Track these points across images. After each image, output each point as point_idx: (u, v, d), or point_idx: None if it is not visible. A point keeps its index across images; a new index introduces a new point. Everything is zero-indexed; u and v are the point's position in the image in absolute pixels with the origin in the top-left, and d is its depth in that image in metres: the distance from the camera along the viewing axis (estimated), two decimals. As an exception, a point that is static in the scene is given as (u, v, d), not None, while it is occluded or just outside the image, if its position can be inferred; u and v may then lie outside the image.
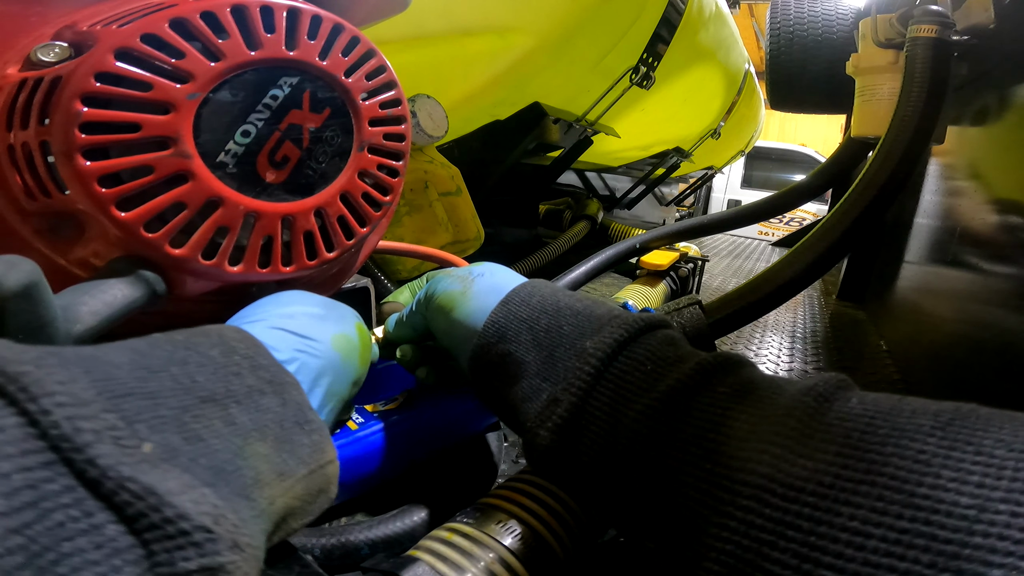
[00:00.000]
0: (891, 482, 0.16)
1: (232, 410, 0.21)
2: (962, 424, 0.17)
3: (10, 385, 0.15)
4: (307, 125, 0.31)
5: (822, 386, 0.21)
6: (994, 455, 0.16)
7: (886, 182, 0.59)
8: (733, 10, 1.69)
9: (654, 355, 0.26)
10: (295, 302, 0.29)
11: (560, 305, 0.31)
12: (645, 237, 1.09)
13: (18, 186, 0.27)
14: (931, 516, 0.15)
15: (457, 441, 0.42)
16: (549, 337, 0.29)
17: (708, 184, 4.27)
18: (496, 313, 0.31)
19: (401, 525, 0.33)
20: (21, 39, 0.28)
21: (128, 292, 0.27)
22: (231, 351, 0.23)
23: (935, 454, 0.16)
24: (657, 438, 0.23)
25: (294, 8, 0.30)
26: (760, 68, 1.52)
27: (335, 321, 0.30)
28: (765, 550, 0.18)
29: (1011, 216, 0.54)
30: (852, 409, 0.19)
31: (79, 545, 0.14)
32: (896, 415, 0.18)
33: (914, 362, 0.78)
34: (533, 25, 0.76)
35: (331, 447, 0.25)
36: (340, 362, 0.28)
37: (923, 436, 0.17)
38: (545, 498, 0.31)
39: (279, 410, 0.23)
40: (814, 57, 1.22)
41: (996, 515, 0.15)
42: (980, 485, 0.15)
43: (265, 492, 0.20)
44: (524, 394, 0.29)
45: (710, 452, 0.21)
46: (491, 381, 0.31)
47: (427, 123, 0.61)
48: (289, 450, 0.22)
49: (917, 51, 0.64)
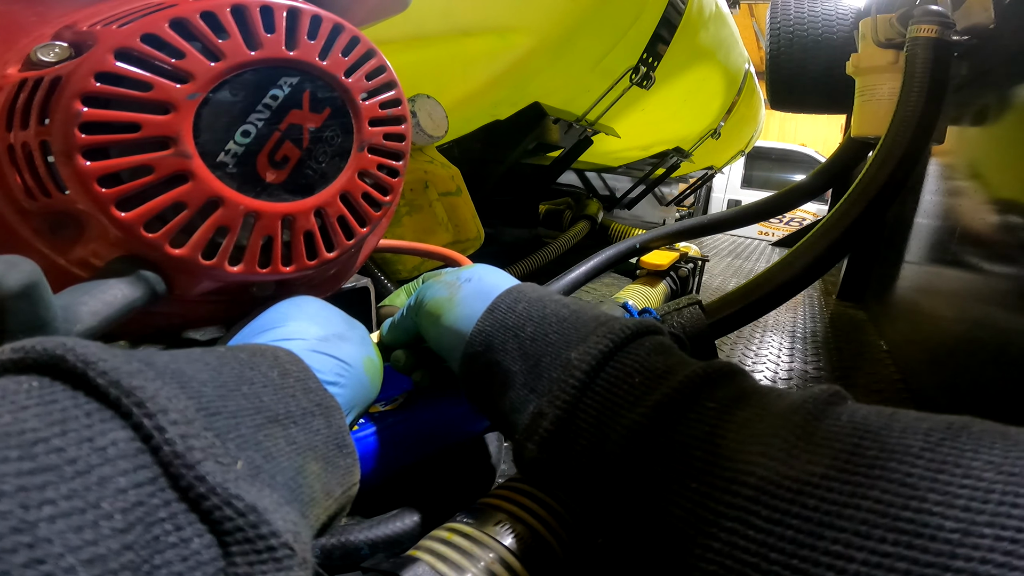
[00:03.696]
0: (876, 505, 0.16)
1: (292, 430, 0.22)
2: (952, 444, 0.17)
3: (125, 399, 0.16)
4: (307, 125, 0.31)
5: (811, 403, 0.21)
6: (982, 478, 0.16)
7: (886, 182, 0.59)
8: (733, 10, 1.69)
9: (642, 366, 0.25)
10: (322, 320, 0.30)
11: (546, 312, 0.30)
12: (645, 237, 1.09)
13: (18, 186, 0.27)
14: (914, 540, 0.15)
15: (456, 442, 0.42)
16: (535, 346, 0.28)
17: (708, 184, 4.27)
18: (482, 322, 0.31)
19: (401, 525, 0.33)
20: (21, 39, 0.28)
21: (128, 292, 0.27)
22: (287, 373, 0.24)
23: (922, 476, 0.16)
24: (644, 454, 0.23)
25: (294, 8, 0.30)
26: (760, 68, 1.52)
27: (360, 343, 0.31)
28: (748, 571, 0.18)
29: (1011, 216, 0.54)
30: (842, 429, 0.19)
31: (167, 558, 0.15)
32: (886, 435, 0.18)
33: (914, 362, 0.78)
34: (533, 25, 0.76)
35: (359, 470, 0.26)
36: (368, 385, 0.30)
37: (911, 458, 0.17)
38: (545, 498, 0.31)
39: (326, 432, 0.24)
40: (814, 57, 1.22)
41: (980, 539, 0.15)
42: (966, 509, 0.15)
43: (315, 510, 0.21)
44: (512, 405, 0.28)
45: (697, 472, 0.21)
46: (481, 389, 0.31)
47: (427, 123, 0.61)
48: (332, 471, 0.23)
49: (917, 51, 0.64)
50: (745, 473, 0.20)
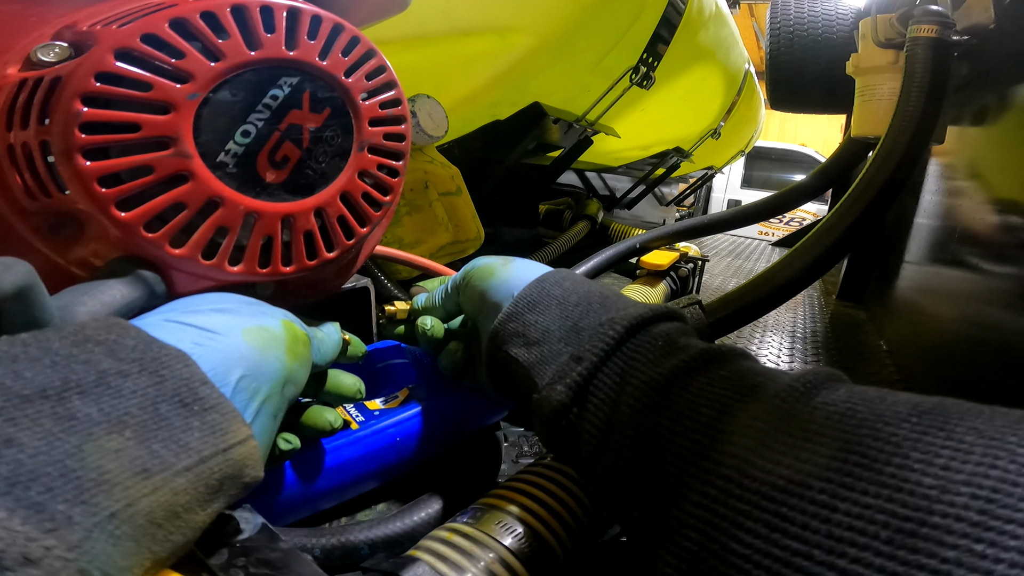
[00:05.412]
0: (862, 460, 0.17)
1: (73, 403, 0.18)
2: (939, 413, 0.18)
3: None
4: (307, 125, 0.31)
5: (811, 375, 0.22)
6: (964, 440, 0.16)
7: (886, 182, 0.59)
8: (733, 10, 1.69)
9: (668, 336, 0.28)
10: (205, 299, 0.27)
11: (591, 289, 0.33)
12: (645, 237, 1.09)
13: (18, 186, 0.27)
14: (894, 494, 0.16)
15: (457, 440, 0.42)
16: (577, 311, 0.31)
17: (708, 184, 4.26)
18: (530, 287, 0.33)
19: (401, 525, 0.33)
20: (21, 39, 0.28)
21: (127, 293, 0.27)
22: (84, 340, 0.20)
23: (907, 438, 0.17)
24: (655, 407, 0.24)
25: (294, 8, 0.30)
26: (760, 68, 1.52)
27: (250, 316, 0.27)
28: (740, 519, 0.19)
29: (1011, 216, 0.54)
30: (837, 397, 0.20)
31: None
32: (877, 403, 0.19)
33: (914, 362, 0.78)
34: (533, 25, 0.76)
35: (239, 425, 0.22)
36: (257, 355, 0.25)
37: (898, 421, 0.18)
38: (545, 498, 0.31)
39: (150, 390, 0.20)
40: (814, 57, 1.22)
41: (956, 496, 0.15)
42: (945, 467, 0.16)
43: (116, 493, 0.18)
44: (542, 357, 0.30)
45: (701, 425, 0.22)
46: (510, 347, 0.32)
47: (427, 123, 0.61)
48: (164, 439, 0.19)
49: (917, 51, 0.64)
50: (745, 427, 0.21)
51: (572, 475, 0.34)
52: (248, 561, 0.23)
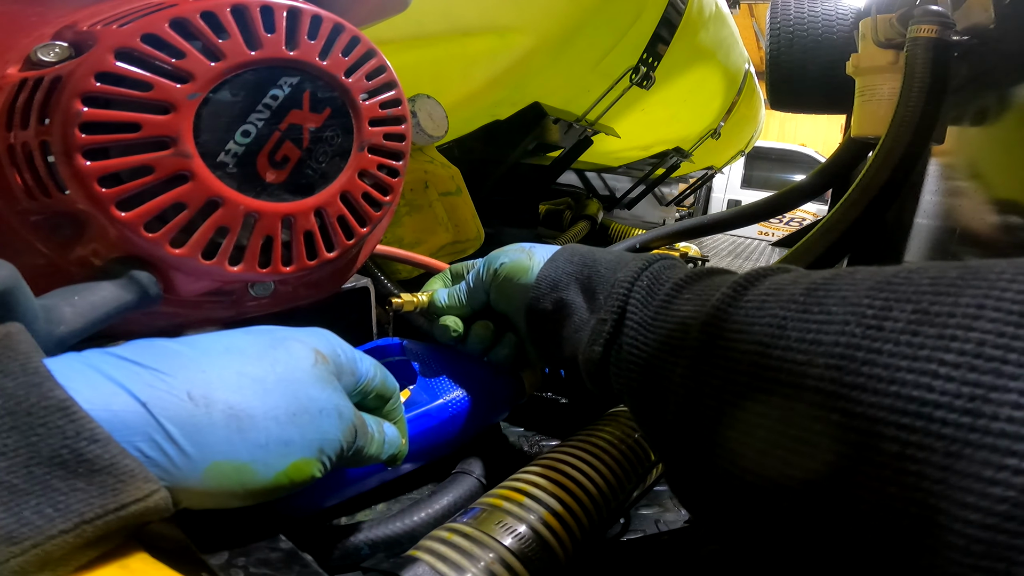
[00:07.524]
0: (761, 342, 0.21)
1: None
2: (825, 287, 0.20)
3: None
4: (307, 125, 0.31)
5: (746, 277, 0.25)
6: (830, 311, 0.19)
7: (886, 182, 0.59)
8: (733, 10, 1.69)
9: (666, 269, 0.33)
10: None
11: (596, 256, 0.38)
12: (645, 237, 1.09)
13: (18, 186, 0.27)
14: (760, 340, 0.21)
15: (458, 440, 0.42)
16: (590, 280, 0.36)
17: (708, 184, 4.26)
18: (546, 268, 0.38)
19: (401, 525, 0.33)
20: (21, 39, 0.28)
21: (118, 294, 0.27)
22: None
23: (792, 319, 0.20)
24: (666, 307, 0.29)
25: (294, 8, 0.30)
26: (760, 68, 1.51)
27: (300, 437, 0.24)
28: (733, 380, 0.22)
29: (1011, 216, 0.54)
30: (760, 290, 0.23)
31: None
32: (789, 287, 0.22)
33: (914, 362, 0.77)
34: (533, 25, 0.76)
35: (141, 483, 0.19)
36: None
37: (789, 303, 0.21)
38: (545, 498, 0.31)
39: (22, 451, 0.17)
40: (814, 57, 1.22)
41: (813, 367, 0.18)
42: (814, 341, 0.19)
43: None
44: (576, 326, 0.35)
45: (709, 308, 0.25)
46: (546, 324, 0.37)
47: (427, 123, 0.61)
48: (36, 505, 0.17)
49: (917, 51, 0.64)
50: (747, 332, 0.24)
51: (572, 475, 0.34)
52: (248, 561, 0.23)
